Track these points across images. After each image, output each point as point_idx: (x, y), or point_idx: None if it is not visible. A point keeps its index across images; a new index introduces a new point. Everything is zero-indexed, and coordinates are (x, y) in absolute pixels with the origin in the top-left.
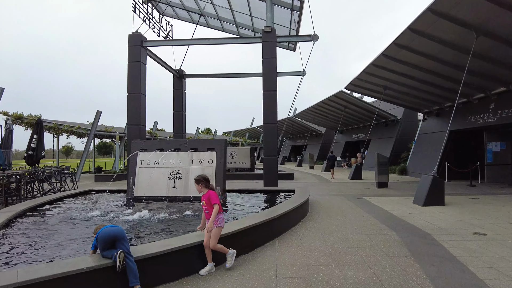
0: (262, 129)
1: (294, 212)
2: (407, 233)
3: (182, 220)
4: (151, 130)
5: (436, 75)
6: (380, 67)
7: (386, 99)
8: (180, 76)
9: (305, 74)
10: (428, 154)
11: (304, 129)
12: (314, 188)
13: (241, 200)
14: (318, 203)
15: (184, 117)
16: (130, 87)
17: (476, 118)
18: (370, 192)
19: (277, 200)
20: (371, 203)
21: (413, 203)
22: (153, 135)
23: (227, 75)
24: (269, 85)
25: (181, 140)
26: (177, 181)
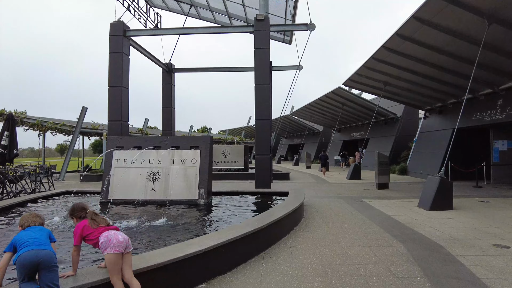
0: (254, 126)
1: (285, 220)
2: (415, 244)
3: (151, 231)
4: (142, 128)
5: (441, 70)
6: (380, 61)
7: (386, 95)
8: (170, 70)
9: (301, 69)
10: (429, 153)
11: (301, 128)
12: (310, 189)
13: (228, 205)
14: (314, 206)
15: (173, 113)
16: (111, 80)
17: (482, 115)
18: (370, 193)
19: (268, 204)
20: (372, 206)
21: (418, 207)
22: (144, 133)
23: (219, 69)
24: (261, 78)
25: (161, 137)
26: (156, 182)
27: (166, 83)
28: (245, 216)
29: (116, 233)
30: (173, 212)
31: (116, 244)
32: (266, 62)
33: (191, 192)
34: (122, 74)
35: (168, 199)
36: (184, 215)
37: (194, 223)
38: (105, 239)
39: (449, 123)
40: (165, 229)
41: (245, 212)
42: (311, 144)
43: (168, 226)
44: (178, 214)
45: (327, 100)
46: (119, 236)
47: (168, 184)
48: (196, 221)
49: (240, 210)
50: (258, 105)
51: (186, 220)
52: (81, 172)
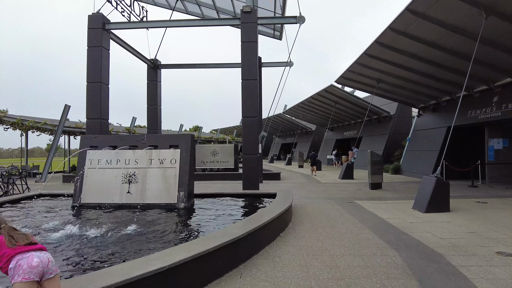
0: (241, 124)
1: (269, 226)
2: (412, 253)
3: (117, 241)
4: (129, 127)
5: (435, 66)
6: (373, 57)
7: (379, 93)
8: (155, 66)
9: (291, 65)
10: (423, 152)
11: (294, 127)
12: (301, 189)
13: (210, 209)
14: (303, 209)
15: (159, 111)
16: (90, 75)
17: (477, 113)
18: (363, 194)
19: (254, 207)
20: (364, 209)
21: (413, 209)
22: (132, 132)
23: (206, 65)
24: (248, 73)
25: (138, 136)
26: (132, 185)
27: (152, 79)
28: (226, 222)
29: (32, 255)
30: (149, 217)
31: (27, 270)
32: (254, 56)
33: (170, 195)
34: (101, 69)
35: (145, 202)
36: (158, 221)
37: (168, 231)
38: (14, 264)
39: (443, 121)
40: (133, 239)
41: (228, 217)
42: (304, 143)
43: (138, 234)
44: (153, 220)
45: (320, 99)
46: (34, 259)
47: (145, 187)
48: (171, 229)
49: (222, 215)
50: (246, 102)
51: (159, 227)
52: (67, 173)
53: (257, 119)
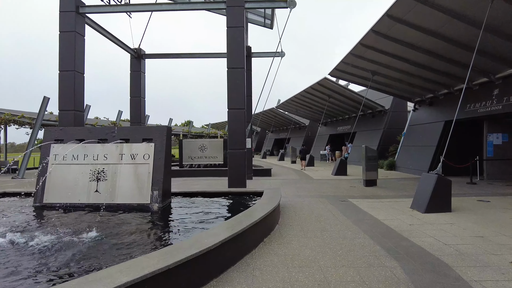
0: (227, 116)
1: (250, 232)
2: (415, 263)
3: (64, 250)
4: (115, 121)
5: (434, 56)
6: (369, 47)
7: (374, 86)
8: (139, 56)
9: (283, 55)
10: (419, 147)
11: (287, 122)
12: (291, 186)
13: (188, 210)
14: (292, 209)
15: (143, 104)
16: (62, 63)
17: (477, 106)
18: (357, 192)
19: (238, 208)
20: (359, 208)
21: (412, 209)
22: (117, 126)
23: (194, 55)
24: (234, 61)
25: (108, 128)
26: (101, 183)
27: (135, 70)
28: (202, 227)
29: None
30: (115, 220)
31: None
32: (240, 43)
33: (142, 194)
34: (75, 56)
35: (115, 203)
36: (124, 226)
37: (131, 240)
38: None
39: (440, 115)
40: (85, 249)
41: (205, 220)
42: (297, 139)
43: (93, 242)
44: (118, 224)
45: (313, 92)
46: None
47: (115, 185)
48: (135, 236)
49: (200, 218)
50: (231, 92)
51: (124, 233)
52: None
53: (244, 111)
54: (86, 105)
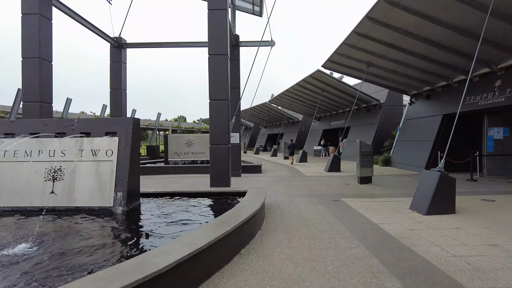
0: (209, 108)
1: (218, 246)
2: (421, 283)
3: None
4: (99, 116)
5: (433, 45)
6: (364, 36)
7: (369, 79)
8: (119, 45)
9: (273, 45)
10: (416, 142)
11: (280, 116)
12: (281, 184)
13: (157, 214)
14: (279, 210)
15: (124, 96)
16: (26, 49)
17: (477, 99)
18: (350, 190)
19: (216, 211)
20: (352, 209)
21: (411, 210)
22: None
23: (179, 44)
24: (216, 47)
25: (67, 120)
26: (57, 183)
27: (115, 60)
28: (172, 234)
29: None
30: (65, 226)
31: None
32: (223, 27)
33: (104, 196)
34: (39, 42)
35: (73, 205)
36: (73, 236)
37: (70, 257)
38: None
39: (437, 108)
40: (7, 270)
41: (172, 228)
42: (291, 134)
43: (22, 259)
44: (67, 234)
45: (306, 86)
46: None
47: (73, 185)
48: (78, 251)
49: (170, 224)
50: (213, 82)
51: (66, 246)
52: None
53: (227, 103)
54: (67, 99)
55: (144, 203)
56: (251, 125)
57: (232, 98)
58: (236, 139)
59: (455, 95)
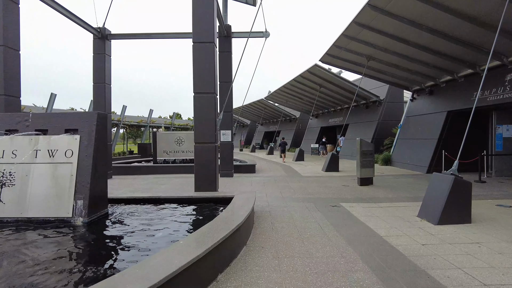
0: (193, 102)
1: (184, 277)
2: None
3: None
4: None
5: (439, 35)
6: (364, 26)
7: (369, 74)
8: (103, 36)
9: (268, 36)
10: (418, 140)
11: (277, 114)
12: (275, 186)
13: (122, 227)
14: (270, 219)
15: (108, 91)
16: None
17: (486, 94)
18: (350, 192)
19: (195, 224)
20: (353, 217)
21: (420, 218)
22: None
23: (167, 35)
24: (202, 34)
25: (20, 115)
26: (6, 189)
27: (99, 52)
28: (124, 262)
29: None
30: (5, 246)
31: None
32: (209, 11)
33: (61, 205)
34: (3, 27)
35: (25, 216)
36: (7, 257)
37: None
38: None
39: (441, 105)
40: None
41: (136, 247)
42: (288, 131)
43: None
44: (3, 252)
45: (303, 81)
46: None
47: (25, 192)
48: (3, 277)
49: (130, 244)
50: (198, 73)
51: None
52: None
53: (213, 96)
54: (52, 94)
55: (115, 212)
56: (247, 123)
57: (223, 92)
58: (228, 137)
59: (461, 90)
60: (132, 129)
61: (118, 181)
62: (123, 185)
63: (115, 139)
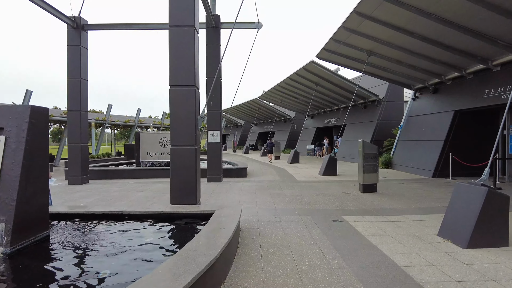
0: (169, 97)
1: None
2: None
3: None
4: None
5: (450, 25)
6: (366, 17)
7: (368, 71)
8: (78, 26)
9: (260, 27)
10: (421, 142)
11: (272, 114)
12: (268, 193)
13: (54, 266)
14: (259, 240)
15: (84, 87)
16: None
17: (499, 92)
18: (353, 202)
19: (150, 257)
20: (361, 237)
21: (442, 238)
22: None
23: (149, 25)
24: (180, 16)
25: None
26: None
27: (74, 44)
28: None
29: None
30: None
31: None
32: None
33: None
34: None
35: None
36: None
37: None
38: None
39: (448, 104)
40: None
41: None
42: (283, 132)
43: None
44: None
45: (298, 79)
46: None
47: None
48: None
49: (67, 283)
50: (175, 62)
51: None
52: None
53: (194, 90)
54: (27, 91)
55: (59, 233)
56: (241, 123)
57: (212, 89)
58: (216, 138)
59: (470, 88)
60: (125, 129)
61: (94, 186)
62: (95, 192)
63: (100, 140)
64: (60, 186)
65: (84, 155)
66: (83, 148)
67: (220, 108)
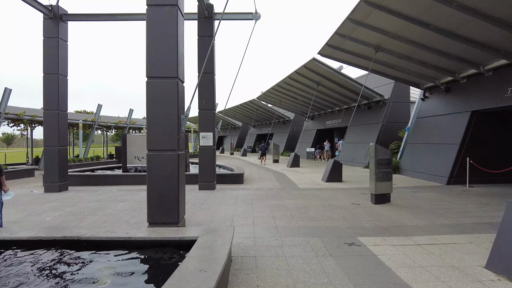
0: (146, 91)
1: None
2: None
3: None
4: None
5: (474, 14)
6: (376, 6)
7: (375, 68)
8: (56, 16)
9: (258, 18)
10: (432, 145)
11: (270, 115)
12: (266, 205)
13: None
14: (256, 274)
15: (62, 83)
16: None
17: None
18: (366, 216)
19: None
20: (387, 270)
21: (493, 273)
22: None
23: (133, 16)
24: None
25: None
26: None
27: (51, 36)
28: None
29: None
30: None
31: None
32: None
33: None
34: None
35: None
36: None
37: None
38: None
39: (463, 104)
40: None
41: None
42: (282, 134)
43: None
44: None
45: (299, 79)
46: None
47: None
48: None
49: None
50: (153, 49)
51: None
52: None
53: (176, 82)
54: (6, 89)
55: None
56: (239, 125)
57: (205, 86)
58: (208, 141)
59: (490, 86)
60: (119, 131)
61: (71, 194)
62: (70, 202)
63: (89, 142)
64: (33, 194)
65: (62, 159)
66: (61, 152)
67: (214, 107)
